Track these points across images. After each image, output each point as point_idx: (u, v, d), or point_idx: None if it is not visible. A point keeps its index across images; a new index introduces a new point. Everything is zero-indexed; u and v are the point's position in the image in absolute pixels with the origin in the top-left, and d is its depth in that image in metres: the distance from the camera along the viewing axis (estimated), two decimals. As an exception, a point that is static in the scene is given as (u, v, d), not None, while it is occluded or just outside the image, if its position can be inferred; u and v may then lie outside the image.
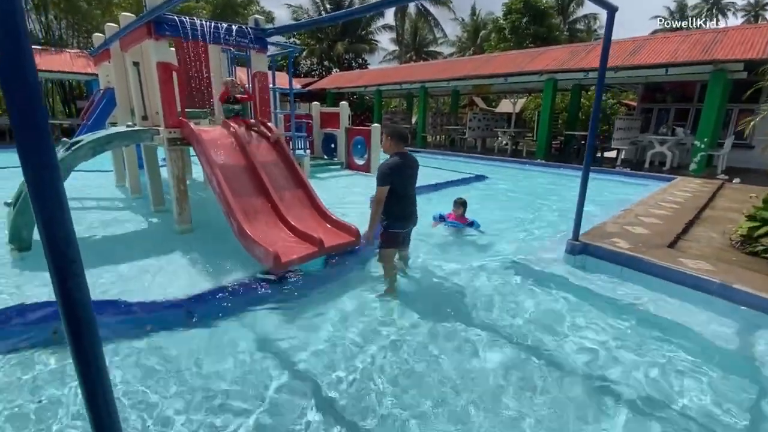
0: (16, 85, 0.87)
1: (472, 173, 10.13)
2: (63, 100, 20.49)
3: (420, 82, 16.36)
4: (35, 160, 0.93)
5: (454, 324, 2.93)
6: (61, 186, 0.97)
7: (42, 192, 0.95)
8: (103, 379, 1.14)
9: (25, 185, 2.78)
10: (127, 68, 5.44)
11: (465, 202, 5.16)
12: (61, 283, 1.00)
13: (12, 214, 3.91)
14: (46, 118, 0.92)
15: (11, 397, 2.05)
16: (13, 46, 0.84)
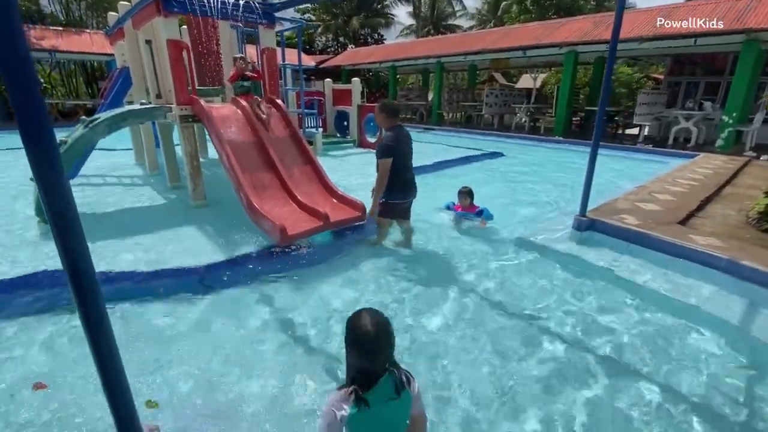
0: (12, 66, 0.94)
1: (487, 150, 9.98)
2: (86, 81, 20.96)
3: (436, 57, 15.94)
4: (33, 131, 1.02)
5: (454, 293, 3.00)
6: (58, 156, 1.07)
7: (40, 162, 1.04)
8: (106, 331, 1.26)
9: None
10: (140, 46, 5.54)
11: (470, 191, 4.71)
12: (62, 239, 1.10)
13: (36, 188, 4.14)
14: (41, 97, 1.01)
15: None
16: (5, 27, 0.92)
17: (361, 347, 1.24)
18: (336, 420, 1.21)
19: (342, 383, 1.33)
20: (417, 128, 16.24)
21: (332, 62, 21.90)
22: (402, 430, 1.32)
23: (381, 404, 1.24)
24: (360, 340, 1.24)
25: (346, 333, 1.29)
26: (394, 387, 1.26)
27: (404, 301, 2.91)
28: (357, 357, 1.26)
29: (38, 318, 2.58)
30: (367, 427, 1.26)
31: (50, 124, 1.04)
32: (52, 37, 15.53)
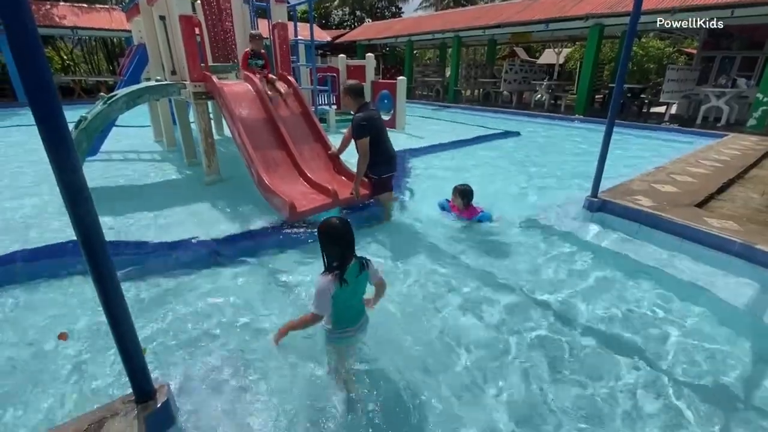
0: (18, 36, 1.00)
1: (503, 129, 9.76)
2: (107, 57, 21.25)
3: (454, 32, 15.44)
4: (41, 101, 1.08)
5: (457, 274, 3.04)
6: (66, 127, 1.14)
7: (50, 132, 1.11)
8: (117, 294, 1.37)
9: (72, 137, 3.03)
10: (155, 22, 5.57)
11: (468, 190, 3.97)
12: (73, 207, 1.19)
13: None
14: (48, 72, 1.07)
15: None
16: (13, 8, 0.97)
17: (337, 240, 1.77)
18: (328, 296, 1.75)
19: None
20: (432, 105, 15.95)
21: (347, 37, 21.49)
22: (363, 294, 1.98)
23: (353, 280, 1.81)
24: (335, 235, 1.77)
25: (323, 236, 1.80)
26: (359, 267, 1.84)
27: (406, 279, 2.97)
28: (335, 249, 1.78)
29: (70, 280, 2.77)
30: (346, 297, 1.82)
31: (58, 100, 1.11)
32: (73, 14, 15.70)
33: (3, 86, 15.07)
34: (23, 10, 0.99)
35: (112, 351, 2.09)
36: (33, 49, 1.03)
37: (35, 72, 1.05)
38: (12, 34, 0.99)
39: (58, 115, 1.10)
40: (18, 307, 2.53)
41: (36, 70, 1.05)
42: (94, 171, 5.55)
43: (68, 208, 1.20)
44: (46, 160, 1.12)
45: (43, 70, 1.05)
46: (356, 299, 1.92)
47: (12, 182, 5.06)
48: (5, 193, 4.63)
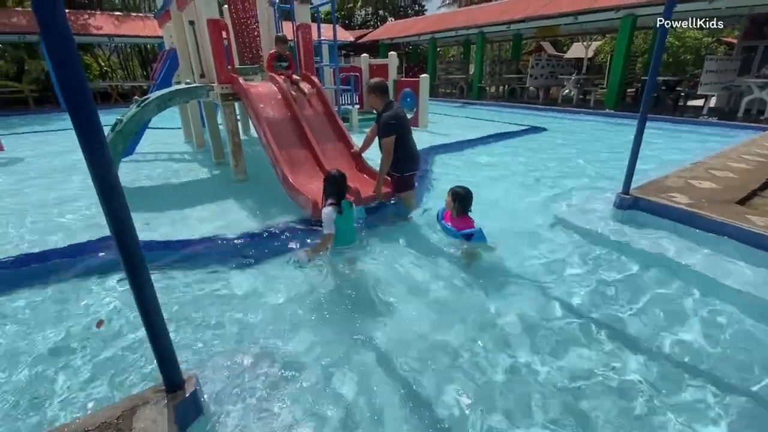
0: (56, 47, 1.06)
1: (529, 125, 9.54)
2: (141, 63, 22.22)
3: (477, 27, 15.19)
4: (78, 105, 1.14)
5: (484, 273, 2.99)
6: (99, 129, 1.19)
7: (86, 134, 1.17)
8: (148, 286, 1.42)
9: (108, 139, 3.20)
10: (184, 27, 5.77)
11: (465, 194, 3.26)
12: (107, 203, 1.25)
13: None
14: (83, 77, 1.12)
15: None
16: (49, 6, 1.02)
17: (334, 182, 2.96)
18: (332, 220, 2.87)
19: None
20: (456, 103, 15.79)
21: (370, 37, 21.55)
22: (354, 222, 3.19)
23: (347, 210, 3.02)
24: (335, 180, 2.97)
25: (326, 180, 3.01)
26: (349, 204, 3.07)
27: (427, 276, 2.95)
28: (333, 188, 2.95)
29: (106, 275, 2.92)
30: (343, 221, 2.95)
31: (94, 105, 1.16)
32: (110, 23, 16.50)
33: (47, 93, 16.03)
34: (59, 23, 1.05)
35: (139, 344, 2.19)
36: (69, 59, 1.08)
37: (72, 79, 1.11)
38: (50, 45, 1.05)
39: (93, 119, 1.16)
40: (58, 301, 2.68)
41: (72, 78, 1.10)
42: (129, 170, 5.81)
43: (103, 205, 1.25)
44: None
45: (78, 77, 1.11)
46: (349, 225, 3.08)
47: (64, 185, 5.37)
48: (57, 192, 4.92)
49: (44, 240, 3.53)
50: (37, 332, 2.33)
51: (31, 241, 3.51)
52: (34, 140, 8.79)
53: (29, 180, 5.50)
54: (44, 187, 5.14)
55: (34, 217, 4.08)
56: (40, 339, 2.28)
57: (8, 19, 14.39)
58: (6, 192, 4.95)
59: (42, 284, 2.82)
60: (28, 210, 4.28)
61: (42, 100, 16.01)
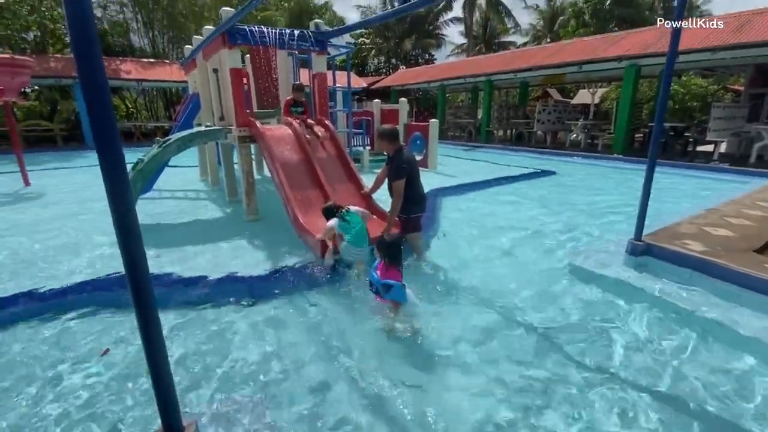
0: (91, 90, 1.15)
1: (538, 169, 9.65)
2: (165, 105, 23.49)
3: (485, 75, 15.85)
4: (105, 146, 1.21)
5: (488, 320, 2.92)
6: (124, 169, 1.25)
7: (111, 172, 1.23)
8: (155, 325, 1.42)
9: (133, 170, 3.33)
10: (209, 75, 6.16)
11: (385, 245, 2.89)
12: (124, 241, 1.28)
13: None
14: (113, 116, 1.21)
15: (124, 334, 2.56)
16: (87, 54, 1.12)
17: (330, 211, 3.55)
18: (335, 227, 3.43)
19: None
20: (464, 146, 16.15)
21: (382, 83, 22.58)
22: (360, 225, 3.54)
23: (351, 217, 3.51)
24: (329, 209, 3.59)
25: (325, 213, 3.59)
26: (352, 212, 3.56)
27: (432, 321, 2.89)
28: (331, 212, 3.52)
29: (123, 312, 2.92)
30: (347, 227, 3.45)
31: (120, 145, 1.23)
32: (139, 68, 17.69)
33: (75, 132, 16.96)
34: (97, 70, 1.14)
35: (139, 382, 2.15)
36: (103, 104, 1.17)
37: (103, 124, 1.18)
38: (86, 90, 1.14)
39: (119, 161, 1.22)
40: (67, 331, 2.67)
41: (104, 123, 1.18)
42: (146, 206, 5.98)
43: (119, 242, 1.29)
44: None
45: (110, 123, 1.18)
46: (357, 229, 3.49)
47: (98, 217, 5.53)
48: (91, 226, 5.06)
49: (57, 274, 3.59)
50: (40, 365, 2.31)
51: (46, 276, 3.57)
52: (58, 176, 9.18)
53: (49, 213, 5.68)
54: (62, 219, 5.30)
55: (47, 251, 4.18)
56: (40, 372, 2.26)
57: (48, 64, 15.53)
58: (24, 225, 5.10)
59: (48, 319, 2.84)
60: (43, 243, 4.39)
61: (69, 138, 16.88)
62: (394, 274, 2.76)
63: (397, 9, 4.55)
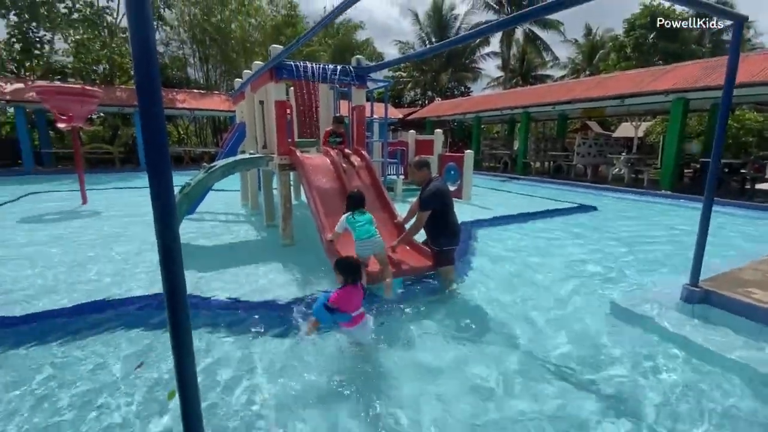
0: (149, 119, 1.22)
1: (578, 203, 9.29)
2: (213, 132, 25.11)
3: (522, 107, 15.80)
4: (156, 172, 1.27)
5: (528, 364, 2.74)
6: (172, 194, 1.30)
7: (159, 198, 1.28)
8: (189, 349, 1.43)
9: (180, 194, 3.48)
10: (255, 106, 6.53)
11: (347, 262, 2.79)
12: (165, 266, 1.31)
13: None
14: (166, 147, 1.27)
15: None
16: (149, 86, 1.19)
17: (354, 199, 3.68)
18: (344, 223, 3.61)
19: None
20: (500, 177, 15.94)
21: (418, 114, 23.03)
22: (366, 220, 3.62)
23: (359, 216, 3.61)
24: (353, 197, 3.70)
25: (348, 202, 3.74)
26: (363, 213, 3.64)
27: (457, 363, 2.74)
28: (351, 203, 3.68)
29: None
30: (353, 223, 3.58)
31: (171, 174, 1.28)
32: (192, 98, 19.15)
33: (132, 155, 18.42)
34: (156, 102, 1.21)
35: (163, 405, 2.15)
36: (158, 132, 1.23)
37: (158, 150, 1.24)
38: (145, 118, 1.21)
39: (169, 187, 1.27)
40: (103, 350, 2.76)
41: (158, 149, 1.24)
42: (187, 227, 6.26)
43: (161, 266, 1.32)
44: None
45: (164, 150, 1.24)
46: (359, 225, 3.56)
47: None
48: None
49: (100, 288, 3.78)
50: (73, 380, 2.39)
51: (90, 290, 3.76)
52: (113, 195, 9.89)
53: (99, 230, 6.08)
54: (109, 238, 5.64)
55: (93, 265, 4.42)
56: (73, 387, 2.32)
57: (114, 93, 17.15)
58: (71, 239, 5.47)
59: (87, 335, 2.95)
60: (92, 257, 4.67)
61: (126, 161, 18.31)
62: (349, 296, 2.67)
63: (435, 46, 4.69)
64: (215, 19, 21.60)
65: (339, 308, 2.62)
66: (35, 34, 18.07)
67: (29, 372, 2.52)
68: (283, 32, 23.71)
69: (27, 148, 15.41)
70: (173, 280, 1.35)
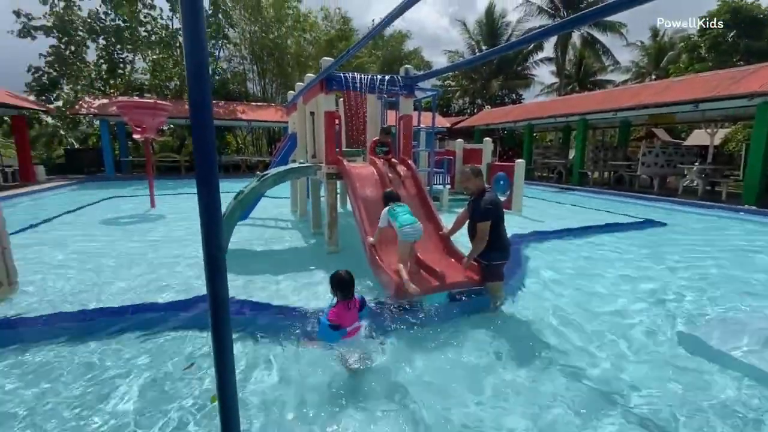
0: (200, 131, 1.25)
1: (643, 218, 8.53)
2: (268, 142, 26.49)
3: (579, 115, 14.94)
4: (205, 183, 1.29)
5: (587, 396, 2.50)
6: (219, 205, 1.33)
7: (207, 208, 1.31)
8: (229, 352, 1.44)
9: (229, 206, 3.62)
10: (306, 117, 6.76)
11: (341, 277, 2.81)
12: (210, 275, 1.33)
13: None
14: (215, 155, 1.29)
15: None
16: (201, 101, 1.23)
17: (390, 196, 4.08)
18: (386, 217, 3.87)
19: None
20: (553, 188, 15.16)
21: (466, 123, 22.64)
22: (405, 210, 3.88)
23: (398, 207, 3.89)
24: (389, 194, 4.13)
25: (385, 199, 4.09)
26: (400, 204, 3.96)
27: (503, 391, 2.55)
28: (389, 199, 4.03)
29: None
30: (394, 214, 3.83)
31: (218, 180, 1.31)
32: (250, 110, 20.36)
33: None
34: (206, 115, 1.25)
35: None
36: (207, 143, 1.26)
37: (206, 161, 1.27)
38: (196, 130, 1.24)
39: (216, 199, 1.29)
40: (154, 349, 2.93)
41: (207, 160, 1.27)
42: (240, 232, 6.57)
43: (207, 276, 1.34)
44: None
45: (212, 160, 1.27)
46: (401, 215, 3.78)
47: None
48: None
49: (160, 289, 4.04)
50: (126, 374, 2.54)
51: (150, 290, 4.04)
52: (178, 200, 10.70)
53: (165, 233, 6.56)
54: (173, 241, 6.06)
55: (157, 267, 4.76)
56: (124, 383, 2.47)
57: (183, 106, 18.68)
58: (141, 243, 5.94)
59: (141, 334, 3.15)
60: (152, 259, 5.03)
61: (190, 168, 19.80)
62: (343, 312, 2.73)
63: (487, 52, 4.55)
64: (273, 36, 22.90)
65: (339, 324, 2.70)
66: (119, 56, 20.29)
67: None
68: (336, 46, 24.57)
69: (109, 157, 17.26)
70: (217, 295, 1.37)
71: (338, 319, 2.71)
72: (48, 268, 4.74)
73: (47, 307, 3.58)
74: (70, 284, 4.23)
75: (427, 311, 3.57)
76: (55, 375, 2.60)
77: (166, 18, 20.18)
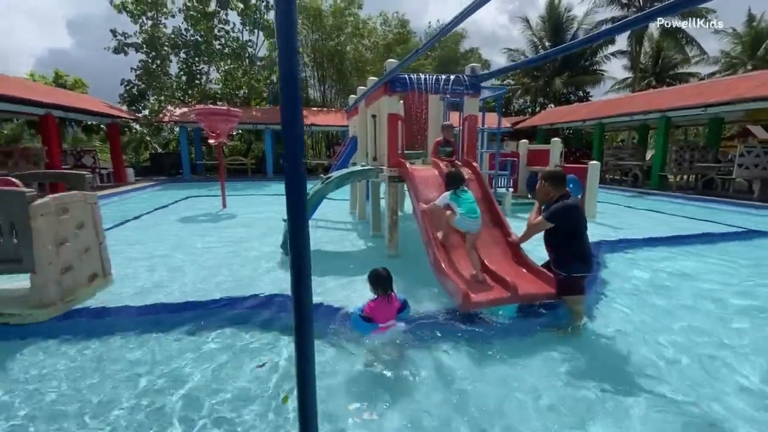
0: (291, 138, 1.22)
1: (743, 227, 7.45)
2: (326, 145, 27.37)
3: (660, 111, 13.53)
4: (294, 187, 1.27)
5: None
6: (305, 210, 1.29)
7: (294, 212, 1.28)
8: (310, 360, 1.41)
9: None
10: (367, 120, 6.80)
11: (377, 273, 2.96)
12: (295, 279, 1.31)
13: (286, 227, 5.42)
14: (303, 161, 1.27)
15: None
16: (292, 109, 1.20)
17: (455, 177, 3.86)
18: (447, 199, 3.78)
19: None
20: (627, 192, 13.90)
21: (528, 123, 21.60)
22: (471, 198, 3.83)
23: (461, 193, 3.80)
24: (454, 175, 3.89)
25: (448, 180, 3.90)
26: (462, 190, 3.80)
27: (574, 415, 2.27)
28: (453, 182, 3.83)
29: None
30: (460, 201, 3.74)
31: (305, 181, 1.28)
32: (311, 115, 21.17)
33: (261, 165, 21.09)
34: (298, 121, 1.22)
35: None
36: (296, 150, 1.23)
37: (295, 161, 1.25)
38: (287, 136, 1.22)
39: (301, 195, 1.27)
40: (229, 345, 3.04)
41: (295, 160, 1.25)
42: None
43: (292, 283, 1.32)
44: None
45: (299, 161, 1.25)
46: (467, 202, 3.73)
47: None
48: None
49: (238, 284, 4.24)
50: (203, 367, 2.65)
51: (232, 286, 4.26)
52: (247, 200, 11.36)
53: (236, 233, 6.96)
54: (245, 240, 6.40)
55: (235, 261, 5.02)
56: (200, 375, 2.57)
57: (250, 113, 19.91)
58: (215, 241, 6.33)
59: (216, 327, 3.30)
60: (224, 257, 5.32)
61: (255, 171, 21.05)
62: (380, 307, 2.85)
63: (556, 49, 4.22)
64: (332, 43, 23.62)
65: (372, 318, 2.84)
66: (197, 67, 22.16)
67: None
68: (394, 50, 24.72)
69: (186, 160, 18.92)
70: (300, 296, 1.34)
71: (372, 312, 2.84)
72: (138, 261, 5.22)
73: (136, 299, 3.90)
74: (158, 276, 4.61)
75: (492, 322, 3.36)
76: (134, 360, 2.80)
77: (237, 31, 21.69)
